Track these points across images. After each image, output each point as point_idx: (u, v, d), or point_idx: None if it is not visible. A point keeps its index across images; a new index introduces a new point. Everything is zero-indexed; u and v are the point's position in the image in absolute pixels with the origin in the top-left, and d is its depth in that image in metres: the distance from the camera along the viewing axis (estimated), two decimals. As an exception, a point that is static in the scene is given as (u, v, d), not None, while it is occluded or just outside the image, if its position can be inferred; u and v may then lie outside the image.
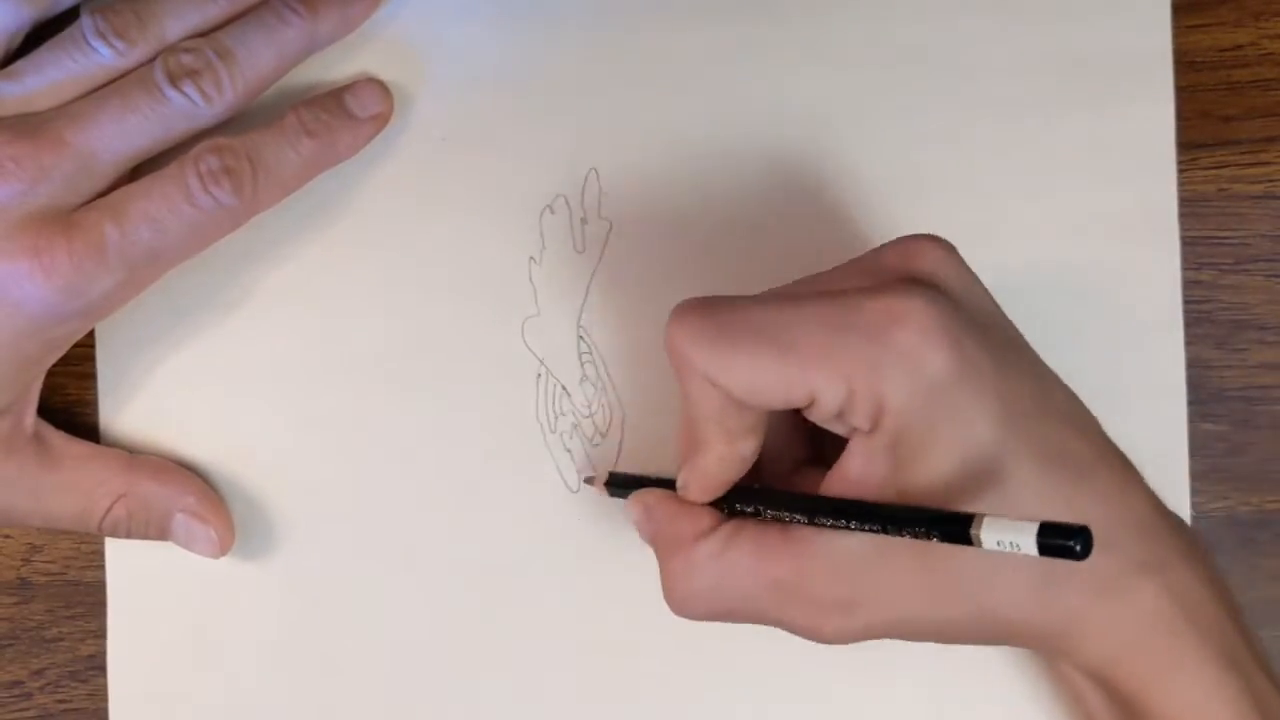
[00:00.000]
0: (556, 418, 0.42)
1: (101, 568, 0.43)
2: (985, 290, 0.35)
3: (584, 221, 0.42)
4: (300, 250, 0.43)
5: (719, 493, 0.36)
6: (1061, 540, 0.29)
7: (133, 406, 0.43)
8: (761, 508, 0.35)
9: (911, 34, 0.42)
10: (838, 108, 0.42)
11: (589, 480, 0.42)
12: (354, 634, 0.42)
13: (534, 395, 0.42)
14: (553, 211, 0.42)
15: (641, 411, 0.42)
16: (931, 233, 0.35)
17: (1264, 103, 0.42)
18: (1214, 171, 0.42)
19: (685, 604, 0.35)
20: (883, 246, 0.35)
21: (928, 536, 0.31)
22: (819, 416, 0.34)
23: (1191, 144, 0.41)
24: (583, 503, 0.42)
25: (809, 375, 0.32)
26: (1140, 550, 0.34)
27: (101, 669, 0.42)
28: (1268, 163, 0.41)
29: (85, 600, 0.44)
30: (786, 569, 0.34)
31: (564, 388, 0.42)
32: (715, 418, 0.34)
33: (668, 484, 0.37)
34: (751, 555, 0.34)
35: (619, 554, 0.42)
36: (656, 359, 0.42)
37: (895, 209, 0.42)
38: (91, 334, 0.43)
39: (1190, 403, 0.41)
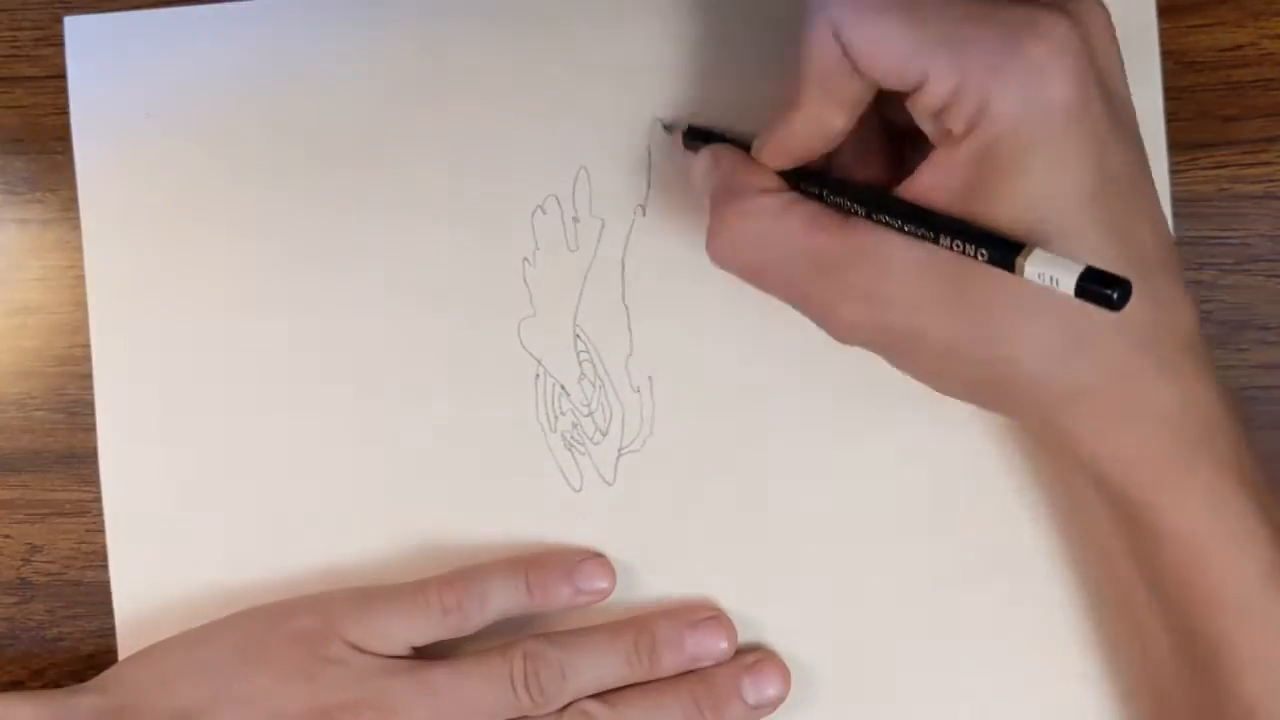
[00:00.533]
0: (556, 417, 0.42)
1: (101, 568, 0.43)
2: (1121, 60, 0.34)
3: (576, 220, 0.42)
4: (297, 257, 0.43)
5: (793, 162, 0.36)
6: (1101, 286, 0.28)
7: (132, 407, 0.43)
8: (826, 193, 0.35)
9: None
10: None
11: (668, 127, 0.42)
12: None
13: (533, 396, 0.42)
14: (544, 211, 0.42)
15: (640, 407, 0.42)
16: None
17: (1264, 103, 0.41)
18: (1214, 171, 0.41)
19: (728, 249, 0.36)
20: None
21: (975, 254, 0.31)
22: (920, 105, 0.33)
23: (1191, 144, 0.41)
24: (584, 502, 0.42)
25: (929, 54, 0.32)
26: (1175, 358, 0.34)
27: (101, 669, 0.42)
28: (1268, 163, 0.41)
29: (85, 600, 0.44)
30: (833, 247, 0.34)
31: (562, 387, 0.42)
32: (823, 77, 0.33)
33: (745, 146, 0.37)
34: (805, 223, 0.34)
35: (619, 553, 0.42)
36: (656, 357, 0.42)
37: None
38: (89, 334, 0.43)
39: (1190, 403, 0.41)
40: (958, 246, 0.31)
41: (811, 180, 0.36)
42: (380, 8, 0.43)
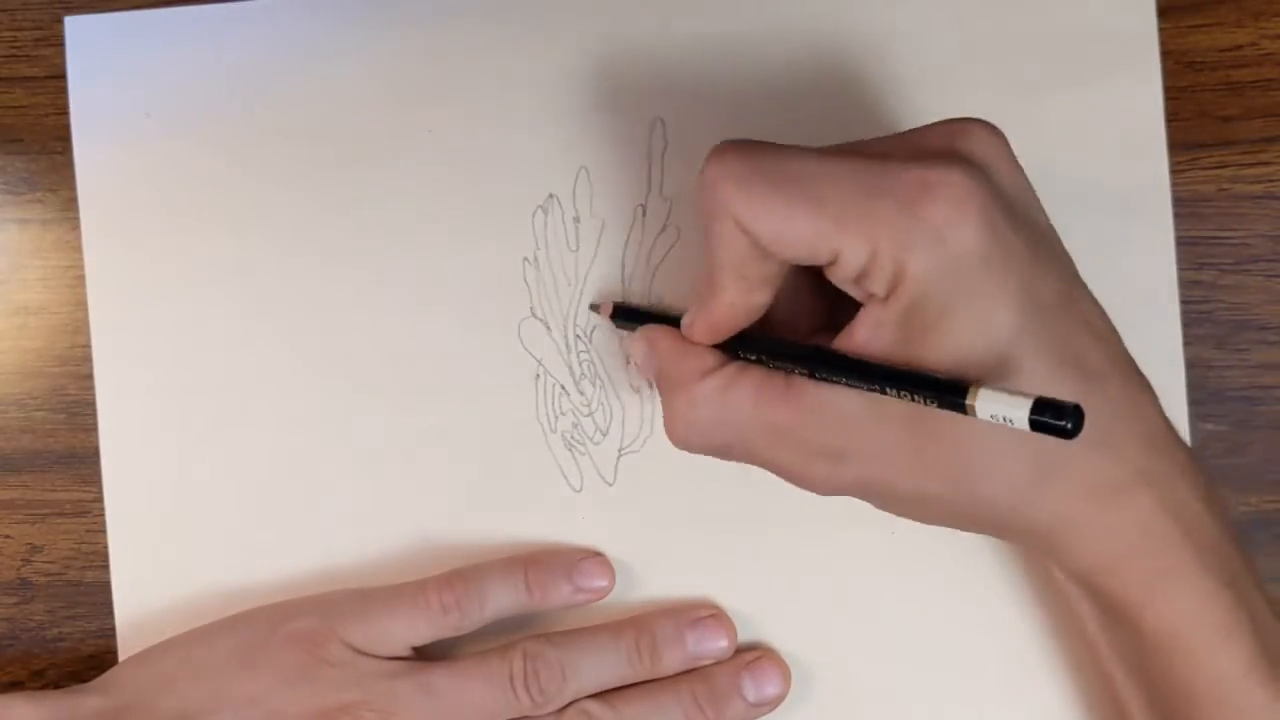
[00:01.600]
0: (556, 417, 0.42)
1: (101, 568, 0.43)
2: (1028, 183, 0.35)
3: (576, 220, 0.42)
4: (297, 256, 0.43)
5: (723, 338, 0.36)
6: (1053, 417, 0.29)
7: (133, 407, 0.43)
8: (765, 357, 0.35)
9: (903, 16, 0.42)
10: (824, 100, 0.42)
11: (594, 308, 0.42)
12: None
13: (533, 396, 0.42)
14: (545, 211, 0.42)
15: (640, 408, 0.42)
16: (982, 118, 0.35)
17: (1264, 103, 0.41)
18: (1214, 171, 0.41)
19: (685, 436, 0.36)
20: (930, 124, 0.35)
21: (924, 400, 0.31)
22: (838, 276, 0.33)
23: (1191, 144, 0.41)
24: (584, 502, 0.42)
25: (837, 232, 0.32)
26: (1143, 461, 0.34)
27: (101, 670, 0.42)
28: (1267, 163, 0.41)
29: (85, 600, 0.44)
30: (784, 415, 0.34)
31: (562, 387, 0.42)
32: (735, 264, 0.34)
33: (672, 321, 0.37)
34: (752, 398, 0.35)
35: (619, 553, 0.42)
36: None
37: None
38: (89, 335, 0.43)
39: (1190, 403, 0.41)
40: (905, 395, 0.32)
41: (749, 345, 0.36)
42: (380, 8, 0.43)
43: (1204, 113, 0.42)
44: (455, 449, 0.43)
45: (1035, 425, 0.29)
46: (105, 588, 0.43)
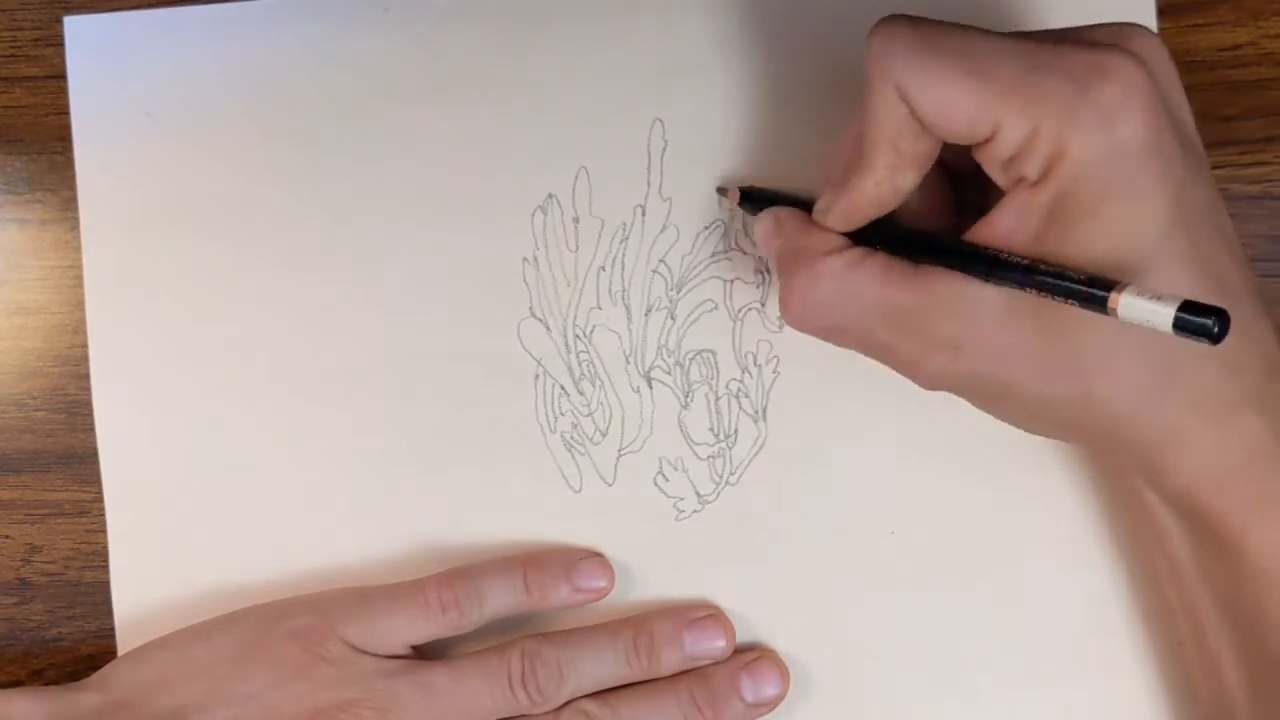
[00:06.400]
0: (556, 418, 0.42)
1: (101, 568, 0.43)
2: (1184, 94, 0.34)
3: (576, 220, 0.42)
4: (297, 257, 0.43)
5: (859, 224, 0.35)
6: (1199, 318, 0.28)
7: (132, 407, 0.43)
8: (897, 246, 0.35)
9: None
10: (824, 99, 0.42)
11: (722, 191, 0.42)
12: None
13: (533, 396, 0.42)
14: (544, 211, 0.42)
15: (640, 407, 0.42)
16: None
17: (1264, 103, 0.41)
18: (1212, 172, 0.41)
19: (802, 313, 0.35)
20: (1096, 24, 0.34)
21: (1065, 296, 0.31)
22: (991, 155, 0.33)
23: (1191, 144, 0.41)
24: (585, 502, 0.42)
25: (1000, 105, 0.32)
26: (1262, 386, 0.33)
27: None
28: (1266, 163, 0.41)
29: (85, 600, 0.44)
30: (909, 297, 0.34)
31: (562, 387, 0.42)
32: (891, 137, 0.33)
33: (803, 207, 0.37)
34: (879, 278, 0.34)
35: (618, 553, 0.42)
36: (655, 357, 0.42)
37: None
38: (87, 334, 0.43)
39: (1189, 403, 0.41)
40: (1045, 293, 0.31)
41: (878, 234, 0.35)
42: (379, 8, 0.43)
43: (1203, 113, 0.41)
44: (455, 449, 0.43)
45: (1179, 325, 0.28)
46: (104, 588, 0.43)
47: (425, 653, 0.41)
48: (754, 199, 0.40)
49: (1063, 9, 0.41)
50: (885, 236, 0.35)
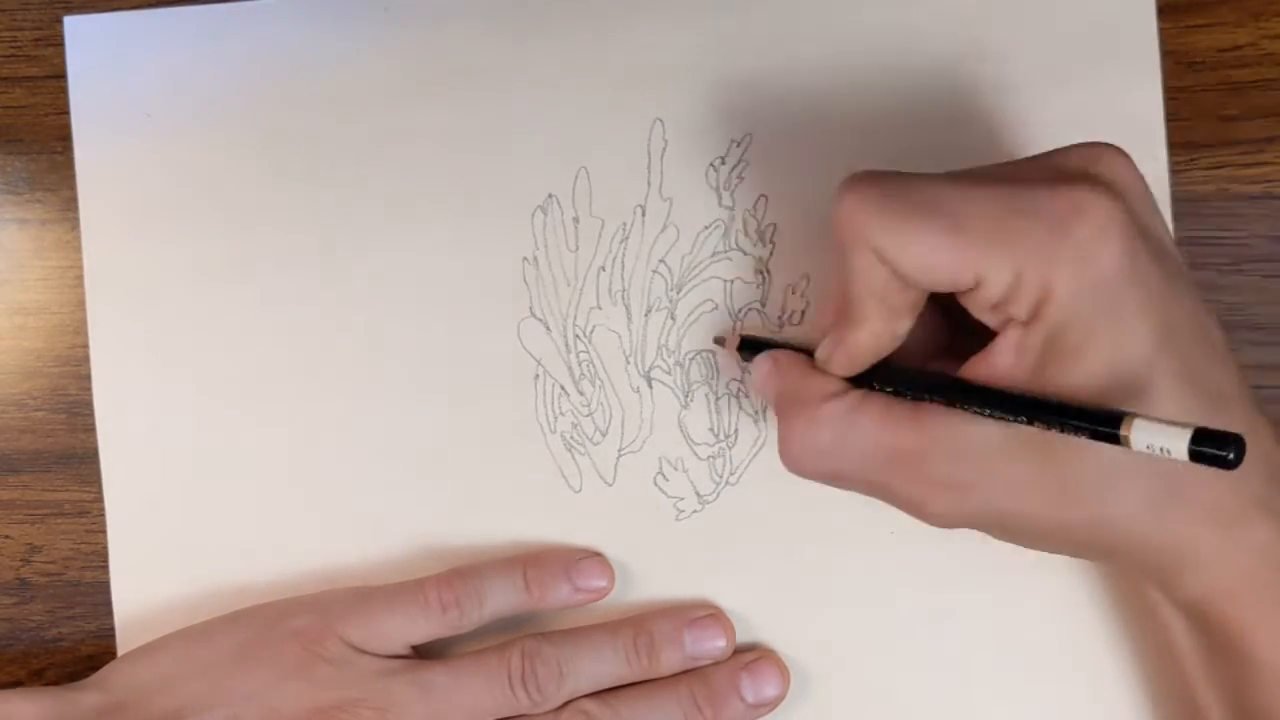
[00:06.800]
0: (556, 418, 0.42)
1: (101, 568, 0.43)
2: (1158, 209, 0.35)
3: (576, 220, 0.42)
4: (297, 257, 0.43)
5: (861, 369, 0.36)
6: (1215, 448, 0.28)
7: (132, 407, 0.43)
8: (899, 388, 0.35)
9: (903, 16, 0.42)
10: (824, 99, 0.42)
11: (719, 340, 0.42)
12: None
13: (533, 396, 0.42)
14: (545, 211, 0.42)
15: (640, 408, 0.42)
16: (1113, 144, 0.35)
17: (1264, 103, 0.41)
18: (1213, 172, 0.41)
19: (801, 459, 0.35)
20: (1065, 147, 0.35)
21: (1075, 431, 0.31)
22: (978, 302, 0.33)
23: (1190, 144, 0.41)
24: (584, 503, 0.42)
25: (982, 257, 0.32)
26: (1264, 489, 0.33)
27: (101, 669, 0.43)
28: (1266, 163, 0.41)
29: (85, 600, 0.44)
30: (910, 441, 0.34)
31: (562, 387, 0.42)
32: (878, 294, 0.34)
33: (799, 351, 0.37)
34: (877, 422, 0.34)
35: (618, 553, 0.42)
36: (655, 357, 0.42)
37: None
38: (87, 334, 0.43)
39: (1189, 403, 0.41)
40: (1054, 426, 0.31)
41: (882, 376, 0.35)
42: (379, 8, 0.43)
43: (1203, 113, 0.42)
44: (455, 449, 0.43)
45: (1195, 456, 0.29)
46: (105, 587, 0.43)
47: (425, 652, 0.41)
48: (752, 346, 0.40)
49: (1063, 8, 0.41)
50: (884, 376, 0.35)
